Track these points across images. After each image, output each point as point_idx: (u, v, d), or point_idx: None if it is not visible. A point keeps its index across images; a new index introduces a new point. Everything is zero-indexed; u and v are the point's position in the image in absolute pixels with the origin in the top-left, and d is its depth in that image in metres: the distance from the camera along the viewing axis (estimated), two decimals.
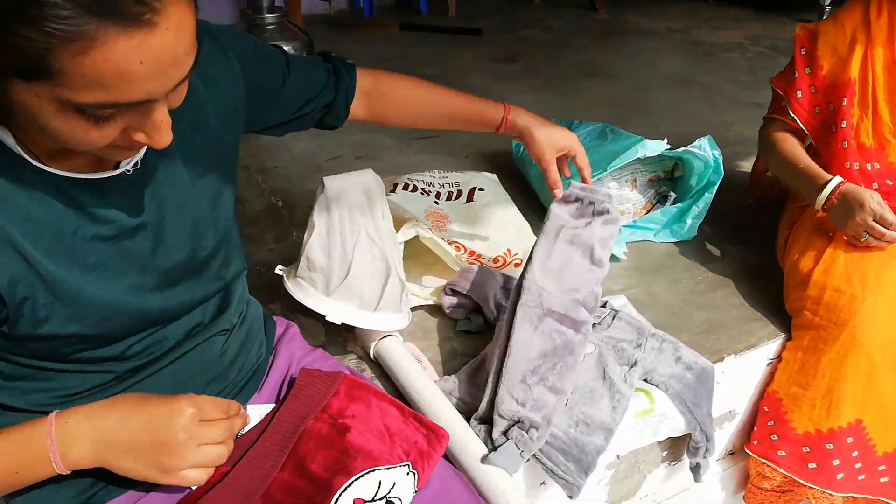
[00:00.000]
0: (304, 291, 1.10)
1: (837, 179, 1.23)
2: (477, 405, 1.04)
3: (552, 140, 1.04)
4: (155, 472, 0.65)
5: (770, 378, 1.29)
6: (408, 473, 0.78)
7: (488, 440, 0.97)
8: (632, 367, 1.14)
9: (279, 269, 1.18)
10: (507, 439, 0.95)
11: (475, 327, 1.26)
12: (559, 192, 1.08)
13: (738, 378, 1.28)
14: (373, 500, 0.74)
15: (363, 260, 1.08)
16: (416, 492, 0.77)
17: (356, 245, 1.08)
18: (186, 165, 0.70)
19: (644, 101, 2.58)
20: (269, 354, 0.95)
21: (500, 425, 0.96)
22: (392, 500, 0.74)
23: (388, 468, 0.77)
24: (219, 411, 0.70)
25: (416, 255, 1.37)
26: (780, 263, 1.42)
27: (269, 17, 2.50)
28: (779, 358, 1.28)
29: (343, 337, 1.25)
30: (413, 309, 1.27)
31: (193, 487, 0.73)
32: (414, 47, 3.29)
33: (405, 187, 1.53)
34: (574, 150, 1.06)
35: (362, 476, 0.75)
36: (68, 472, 0.63)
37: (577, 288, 1.03)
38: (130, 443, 0.64)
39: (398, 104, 0.99)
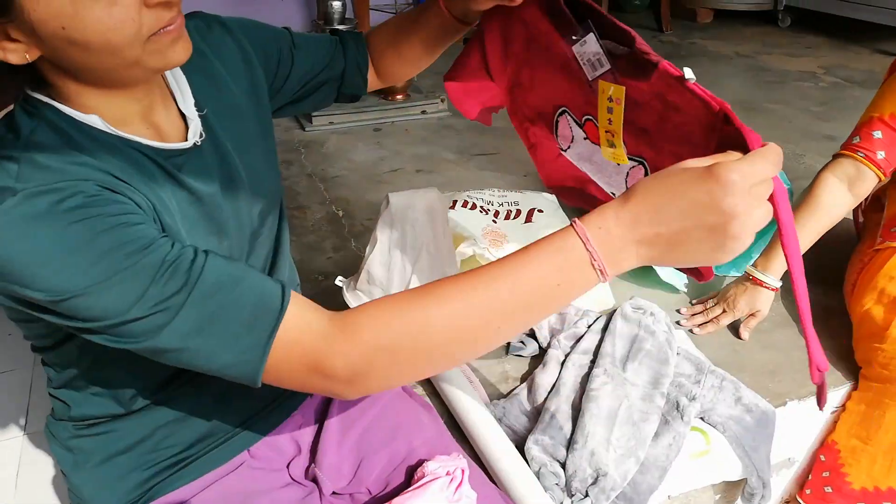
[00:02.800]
0: (361, 303, 1.11)
1: (767, 280, 1.30)
2: (524, 434, 1.03)
3: None
4: (707, 258, 0.53)
5: (832, 427, 1.24)
6: None
7: (565, 496, 0.98)
8: (690, 402, 1.11)
9: (339, 281, 1.20)
10: (585, 496, 0.97)
11: (528, 352, 1.24)
12: None
13: (800, 424, 1.23)
14: None
15: (422, 277, 1.09)
16: None
17: (416, 262, 1.09)
18: (230, 141, 0.73)
19: None
20: None
21: (579, 487, 0.98)
22: None
23: None
24: (768, 170, 0.52)
25: None
26: (848, 308, 1.36)
27: (340, 28, 2.55)
28: (843, 407, 1.23)
29: None
30: None
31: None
32: None
33: (464, 204, 1.53)
34: None
35: None
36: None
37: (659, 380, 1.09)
38: (676, 236, 0.52)
39: (393, 54, 0.94)
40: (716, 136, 0.64)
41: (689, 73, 0.68)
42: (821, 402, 0.70)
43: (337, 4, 2.55)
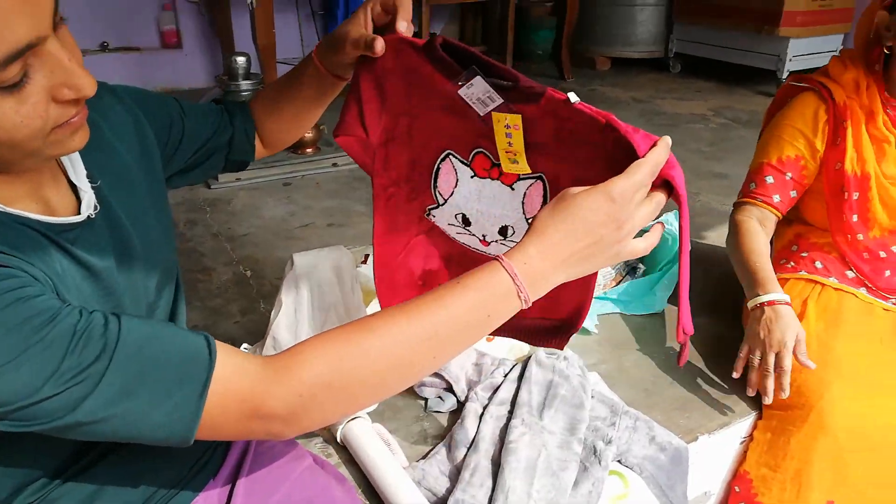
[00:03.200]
0: None
1: (775, 297, 1.23)
2: (446, 496, 1.01)
3: (354, 17, 0.81)
4: (608, 261, 0.66)
5: (742, 457, 1.28)
6: None
7: None
8: (606, 445, 1.12)
9: (244, 348, 1.15)
10: None
11: (446, 408, 1.23)
12: (380, 47, 0.78)
13: (712, 457, 1.26)
14: None
15: None
16: None
17: (324, 324, 1.06)
18: (123, 212, 0.71)
19: None
20: None
21: None
22: None
23: None
24: (647, 179, 0.66)
25: None
26: None
27: (245, 83, 2.53)
28: (750, 437, 1.27)
29: None
30: None
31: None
32: None
33: None
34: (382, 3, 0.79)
35: None
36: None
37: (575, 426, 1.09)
38: (580, 253, 0.64)
39: (276, 119, 0.94)
40: (610, 135, 0.72)
41: (573, 96, 0.74)
42: (680, 360, 0.84)
43: (241, 60, 2.52)
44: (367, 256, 1.52)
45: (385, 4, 0.79)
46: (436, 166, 0.89)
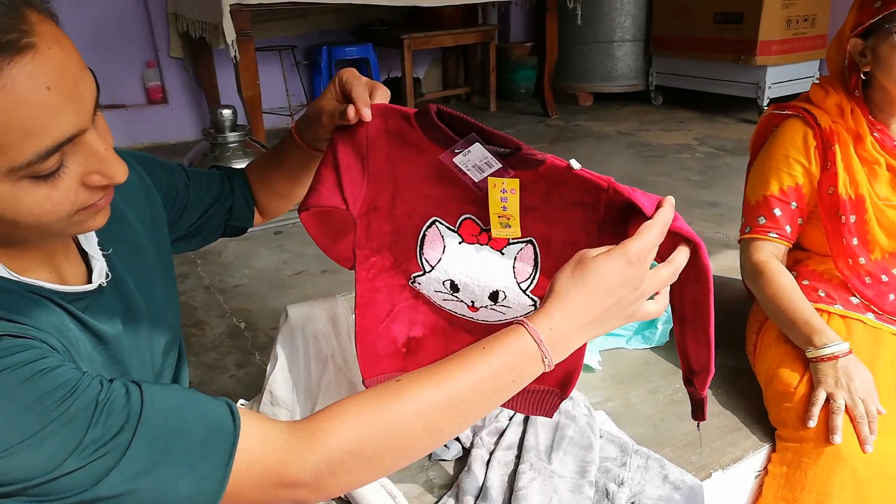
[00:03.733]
0: None
1: (838, 349, 1.18)
2: None
3: (326, 92, 0.83)
4: (624, 321, 0.66)
5: (758, 492, 1.24)
6: None
7: None
8: (619, 487, 1.09)
9: (241, 404, 1.12)
10: None
11: (451, 455, 1.19)
12: (352, 115, 0.79)
13: (727, 493, 1.22)
14: None
15: (330, 392, 1.03)
16: None
17: (322, 376, 1.03)
18: (131, 279, 0.71)
19: None
20: None
21: None
22: None
23: None
24: (657, 242, 0.66)
25: None
26: (753, 368, 1.40)
27: (232, 135, 2.53)
28: (765, 470, 1.24)
29: None
30: None
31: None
32: None
33: None
34: (348, 82, 0.81)
35: None
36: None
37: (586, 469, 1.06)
38: (599, 315, 0.64)
39: (267, 188, 0.96)
40: (602, 196, 0.74)
41: (574, 163, 0.74)
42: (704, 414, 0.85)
43: (227, 112, 2.53)
44: None
45: (342, 85, 0.81)
46: (421, 233, 0.88)
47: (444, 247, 0.87)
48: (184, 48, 3.74)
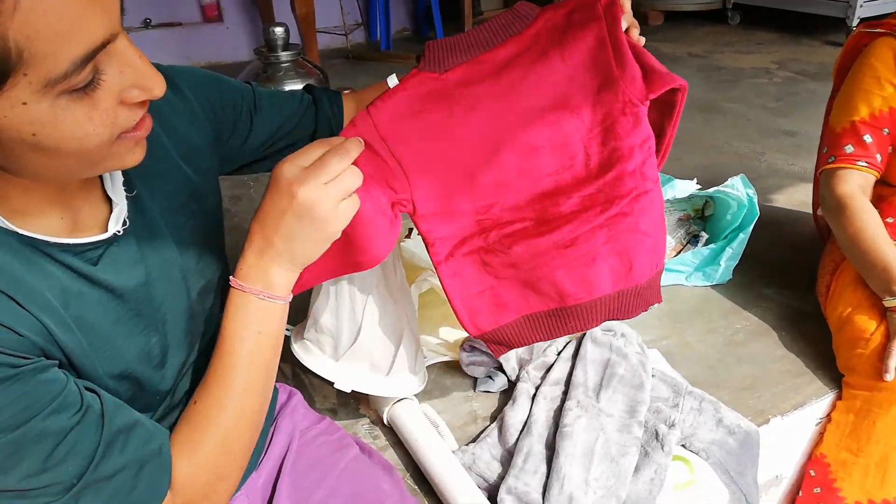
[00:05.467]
0: (310, 355, 1.03)
1: None
2: (497, 482, 0.96)
3: None
4: (320, 232, 0.65)
5: (819, 439, 1.18)
6: None
7: None
8: (669, 429, 1.05)
9: (285, 330, 1.11)
10: None
11: (497, 388, 1.17)
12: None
13: (785, 440, 1.17)
14: None
15: (374, 320, 1.00)
16: None
17: (366, 305, 1.01)
18: (164, 218, 0.67)
19: None
20: (268, 425, 0.88)
21: None
22: None
23: None
24: (315, 150, 0.66)
25: (432, 306, 1.29)
26: (823, 311, 1.31)
27: (284, 55, 2.48)
28: (828, 417, 1.18)
29: (356, 399, 1.17)
30: (429, 366, 1.19)
31: None
32: None
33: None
34: None
35: None
36: (290, 299, 0.69)
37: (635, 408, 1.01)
38: (287, 236, 0.64)
39: None
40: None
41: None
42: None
43: (279, 30, 2.47)
44: (410, 231, 1.46)
45: None
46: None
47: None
48: None
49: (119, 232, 0.61)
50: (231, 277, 0.66)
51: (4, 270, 0.52)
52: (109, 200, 0.62)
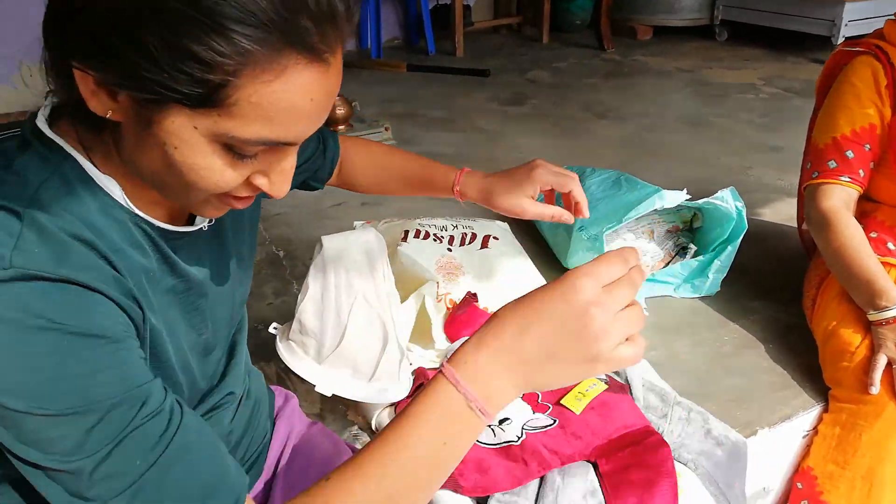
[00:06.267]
0: (294, 356, 1.02)
1: None
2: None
3: (520, 188, 0.87)
4: (585, 366, 0.51)
5: (806, 452, 1.19)
6: None
7: None
8: None
9: (273, 328, 1.10)
10: None
11: None
12: (569, 217, 0.89)
13: (772, 452, 1.17)
14: None
15: (359, 325, 1.00)
16: None
17: (352, 310, 1.00)
18: (230, 228, 0.69)
19: (655, 143, 2.52)
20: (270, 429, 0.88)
21: None
22: None
23: None
24: (616, 266, 0.52)
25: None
26: (809, 324, 1.32)
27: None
28: (815, 430, 1.18)
29: (344, 405, 1.15)
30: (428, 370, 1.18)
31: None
32: (421, 88, 3.26)
33: (416, 234, 1.44)
34: (554, 183, 0.87)
35: None
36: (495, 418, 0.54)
37: None
38: (545, 351, 0.51)
39: (360, 171, 0.97)
40: None
41: None
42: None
43: None
44: (406, 233, 1.44)
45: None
46: None
47: None
48: None
49: (205, 227, 0.63)
50: (446, 362, 0.53)
51: (112, 244, 0.52)
52: None
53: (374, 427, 1.08)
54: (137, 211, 0.55)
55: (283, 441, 0.87)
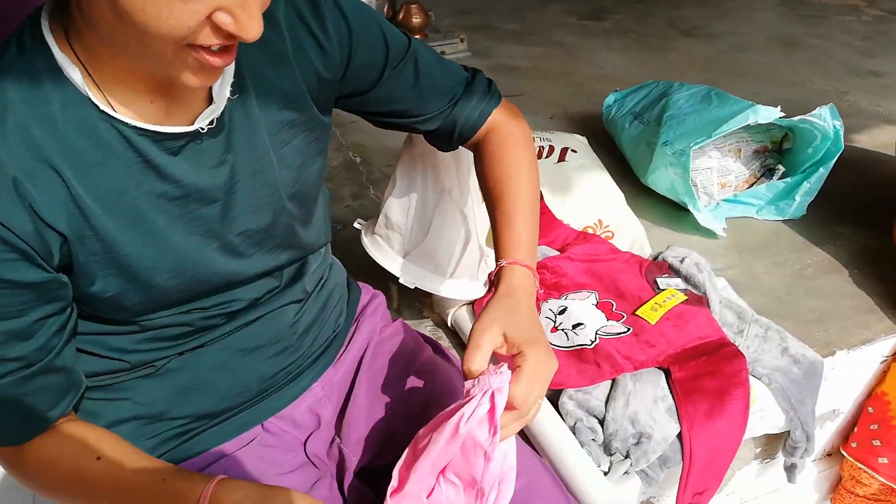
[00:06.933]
0: (379, 249, 1.05)
1: None
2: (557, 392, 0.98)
3: (498, 324, 0.65)
4: None
5: (881, 377, 1.17)
6: None
7: (601, 453, 0.93)
8: None
9: (357, 224, 1.13)
10: (626, 457, 0.91)
11: None
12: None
13: (848, 375, 1.16)
14: None
15: (443, 222, 1.01)
16: None
17: (437, 206, 1.01)
18: (268, 129, 0.64)
19: (744, 63, 2.39)
20: (349, 323, 0.88)
21: (619, 448, 0.92)
22: None
23: None
24: None
25: None
26: None
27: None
28: (893, 356, 1.16)
29: (420, 302, 1.19)
30: None
31: None
32: (495, 0, 3.16)
33: None
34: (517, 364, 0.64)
35: None
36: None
37: None
38: None
39: (484, 169, 0.81)
40: None
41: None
42: None
43: None
44: None
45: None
46: None
47: None
48: None
49: (202, 129, 0.59)
50: (210, 490, 0.58)
51: (69, 147, 0.53)
52: (212, 98, 0.60)
53: (449, 324, 1.11)
54: (110, 111, 0.54)
55: (366, 338, 0.87)
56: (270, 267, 0.71)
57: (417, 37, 2.49)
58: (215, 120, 0.60)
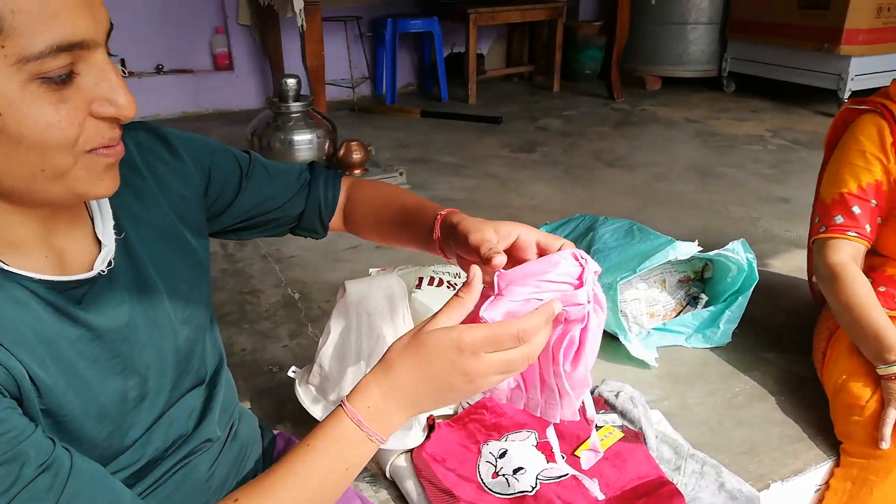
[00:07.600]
0: (313, 399, 1.04)
1: None
2: None
3: (493, 225, 0.70)
4: (464, 396, 0.63)
5: None
6: None
7: None
8: None
9: (292, 372, 1.12)
10: None
11: None
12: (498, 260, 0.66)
13: None
14: None
15: None
16: None
17: (372, 354, 1.02)
18: (153, 263, 0.68)
19: (664, 192, 2.56)
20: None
21: None
22: None
23: None
24: (507, 343, 0.60)
25: None
26: (820, 377, 1.33)
27: (294, 105, 2.54)
28: (826, 485, 1.18)
29: None
30: (441, 417, 1.19)
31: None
32: (433, 134, 3.33)
33: (430, 282, 1.47)
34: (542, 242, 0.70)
35: None
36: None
37: None
38: (432, 388, 0.61)
39: (362, 209, 0.88)
40: None
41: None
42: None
43: (291, 82, 2.53)
44: (420, 280, 1.47)
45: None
46: None
47: None
48: (252, 15, 3.77)
49: (103, 272, 0.61)
50: (345, 402, 0.62)
51: None
52: (99, 243, 0.63)
53: (387, 474, 1.09)
54: (9, 267, 0.55)
55: None
56: (175, 398, 0.70)
57: (357, 171, 2.59)
58: (112, 261, 0.62)
